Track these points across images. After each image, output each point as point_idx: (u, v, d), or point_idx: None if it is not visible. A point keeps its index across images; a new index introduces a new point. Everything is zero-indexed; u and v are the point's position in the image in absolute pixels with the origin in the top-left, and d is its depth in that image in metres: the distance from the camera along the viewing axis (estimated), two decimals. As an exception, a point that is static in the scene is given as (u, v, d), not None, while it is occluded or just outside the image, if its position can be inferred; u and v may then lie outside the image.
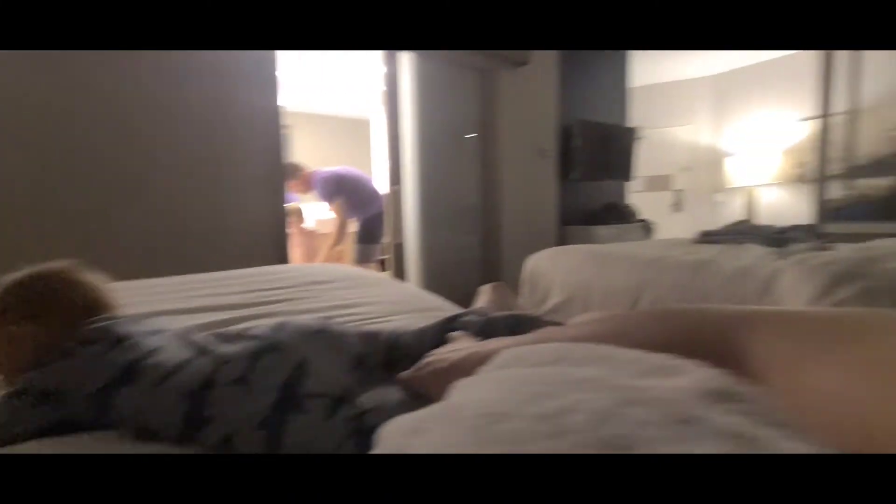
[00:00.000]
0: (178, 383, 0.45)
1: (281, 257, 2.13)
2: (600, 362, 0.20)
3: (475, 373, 0.27)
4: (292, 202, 2.84)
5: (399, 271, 2.62)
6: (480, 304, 0.83)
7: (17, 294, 0.55)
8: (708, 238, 1.97)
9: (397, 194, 2.58)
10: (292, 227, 2.87)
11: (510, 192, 3.02)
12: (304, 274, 1.14)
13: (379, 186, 2.90)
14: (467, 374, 0.27)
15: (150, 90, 1.74)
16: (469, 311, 0.57)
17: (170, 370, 0.46)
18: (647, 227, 3.67)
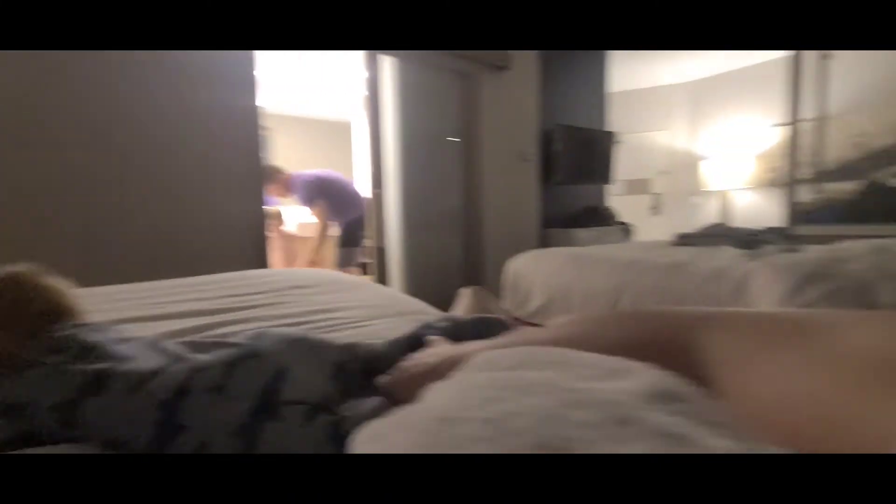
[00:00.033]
0: (151, 392, 0.44)
1: (260, 262, 2.10)
2: (558, 366, 0.21)
3: (448, 376, 0.27)
4: (272, 205, 2.80)
5: (381, 275, 2.61)
6: (460, 307, 0.83)
7: None
8: (684, 240, 2.02)
9: (379, 198, 2.57)
10: (272, 231, 2.83)
11: (492, 195, 3.03)
12: (283, 278, 1.13)
13: (360, 190, 2.88)
14: (442, 377, 0.27)
15: (124, 90, 1.70)
16: (442, 318, 0.57)
17: (142, 379, 0.45)
18: (626, 229, 3.74)
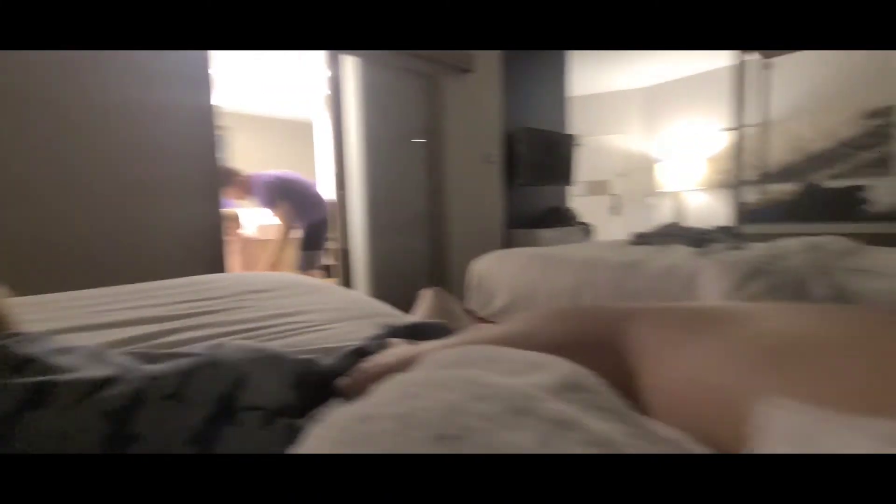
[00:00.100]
0: (99, 402, 0.42)
1: (217, 266, 2.03)
2: (487, 362, 0.22)
3: None
4: (229, 208, 2.71)
5: (346, 278, 2.57)
6: (420, 308, 0.83)
7: None
8: (640, 239, 2.10)
9: (343, 199, 2.53)
10: (229, 235, 2.74)
11: (457, 196, 3.05)
12: (240, 282, 1.09)
13: (323, 191, 2.83)
14: None
15: (69, 89, 1.60)
16: (381, 325, 0.57)
17: (90, 389, 0.43)
18: (587, 229, 3.86)
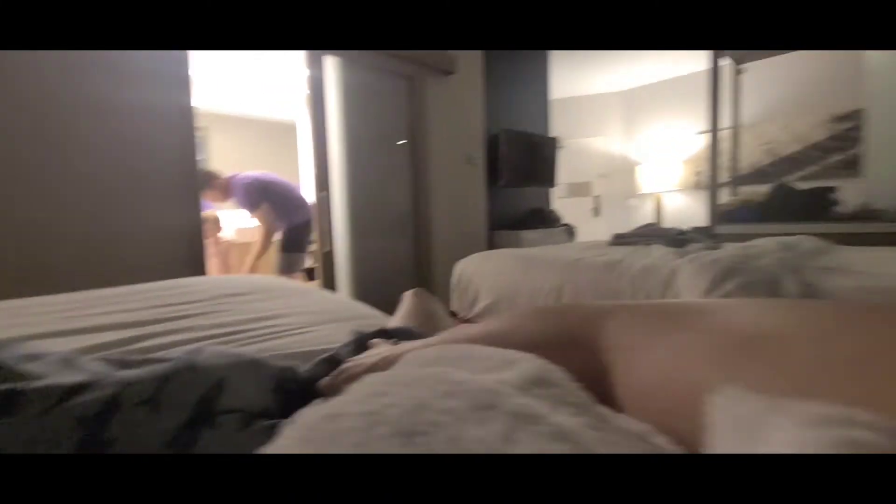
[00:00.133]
0: (72, 409, 0.41)
1: (197, 270, 1.99)
2: (462, 360, 0.22)
3: None
4: (208, 210, 2.67)
5: (329, 280, 2.55)
6: (402, 310, 0.83)
7: None
8: (620, 240, 2.14)
9: (325, 201, 2.51)
10: (209, 237, 2.69)
11: (440, 198, 3.06)
12: (219, 286, 1.07)
13: (305, 192, 2.80)
14: None
15: (43, 88, 1.55)
16: (351, 332, 0.57)
17: (62, 395, 0.42)
18: (569, 230, 3.90)
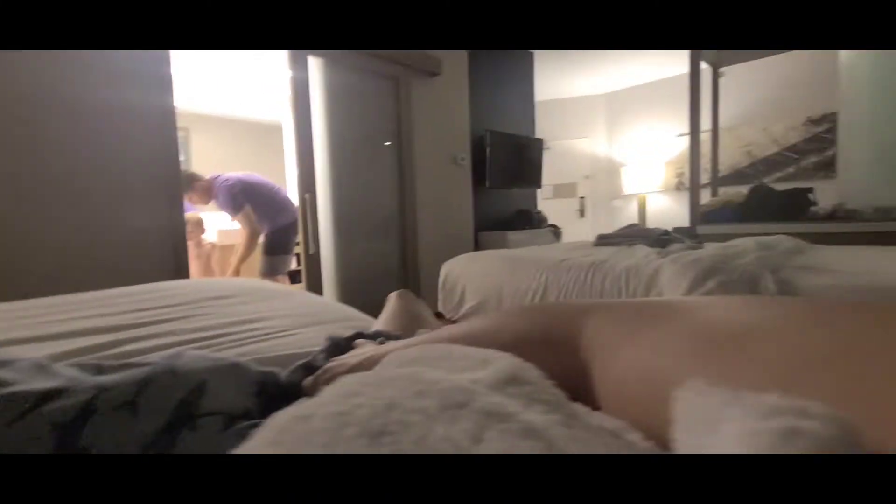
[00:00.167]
0: (47, 415, 0.40)
1: (180, 273, 1.96)
2: (441, 360, 0.22)
3: None
4: (191, 212, 2.62)
5: (314, 283, 2.53)
6: (387, 312, 0.83)
7: None
8: (604, 241, 2.17)
9: (310, 202, 2.49)
10: (191, 240, 2.65)
11: (426, 199, 3.06)
12: (201, 289, 1.06)
13: (290, 194, 2.78)
14: None
15: (21, 88, 1.51)
16: (327, 338, 0.57)
17: (34, 402, 0.41)
18: (555, 231, 3.93)
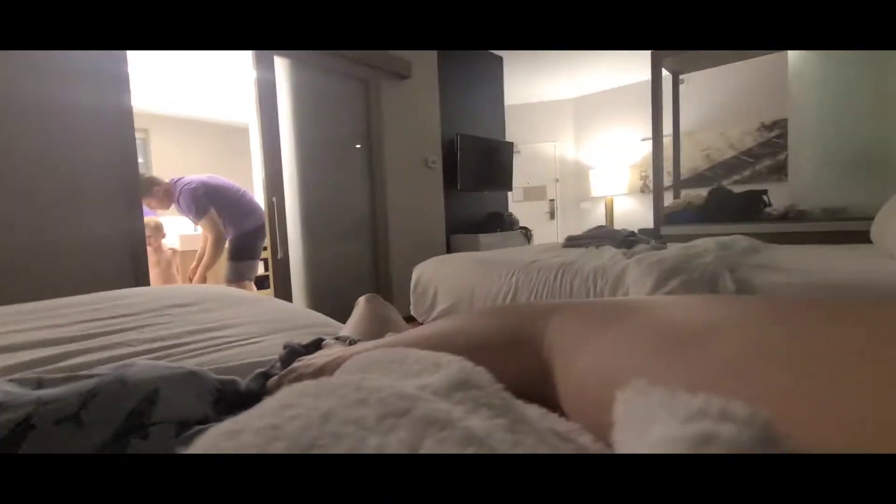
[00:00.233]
0: None
1: (139, 279, 1.88)
2: (394, 364, 0.22)
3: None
4: (150, 217, 2.52)
5: (283, 288, 2.47)
6: (355, 316, 0.82)
7: None
8: (573, 242, 2.21)
9: (278, 206, 2.44)
10: (151, 245, 2.54)
11: (397, 202, 3.05)
12: (160, 297, 1.01)
13: (257, 197, 2.71)
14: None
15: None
16: (285, 344, 0.56)
17: None
18: (527, 233, 3.99)
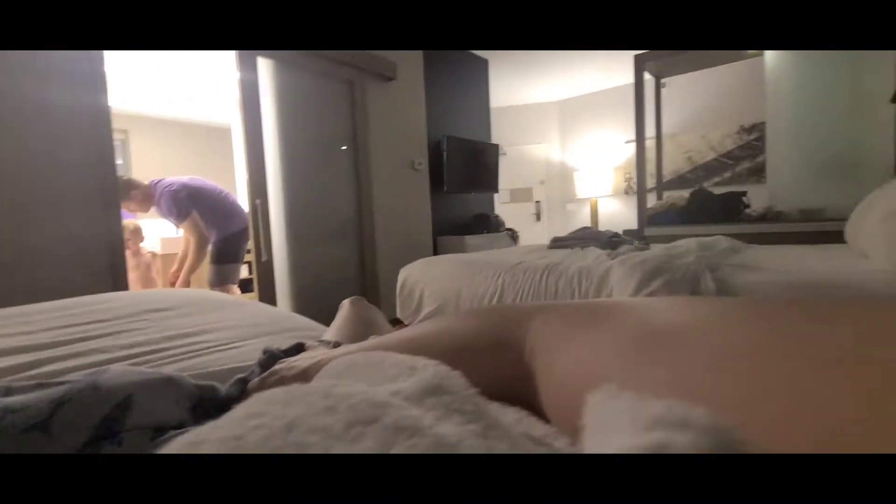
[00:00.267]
0: None
1: (118, 284, 1.83)
2: (372, 369, 0.22)
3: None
4: (128, 220, 2.46)
5: (267, 292, 2.43)
6: (339, 319, 0.81)
7: None
8: (558, 243, 2.23)
9: (262, 208, 2.40)
10: (129, 249, 2.48)
11: (384, 205, 3.03)
12: (138, 301, 0.99)
13: (240, 200, 2.67)
14: (308, 381, 0.26)
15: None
16: (264, 350, 0.55)
17: None
18: (513, 235, 4.00)
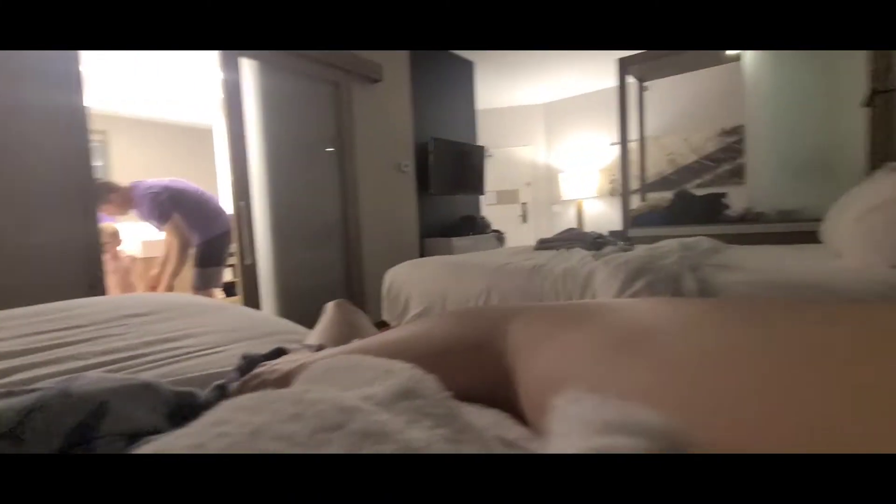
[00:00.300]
0: None
1: (94, 288, 1.79)
2: (348, 372, 0.21)
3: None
4: (106, 223, 2.41)
5: (251, 295, 2.40)
6: (323, 322, 0.80)
7: None
8: (544, 245, 2.24)
9: (245, 211, 2.37)
10: (107, 252, 2.42)
11: (370, 207, 3.02)
12: (116, 306, 0.96)
13: (223, 202, 2.63)
14: (289, 385, 0.26)
15: None
16: (241, 356, 0.54)
17: None
18: (499, 236, 4.02)
